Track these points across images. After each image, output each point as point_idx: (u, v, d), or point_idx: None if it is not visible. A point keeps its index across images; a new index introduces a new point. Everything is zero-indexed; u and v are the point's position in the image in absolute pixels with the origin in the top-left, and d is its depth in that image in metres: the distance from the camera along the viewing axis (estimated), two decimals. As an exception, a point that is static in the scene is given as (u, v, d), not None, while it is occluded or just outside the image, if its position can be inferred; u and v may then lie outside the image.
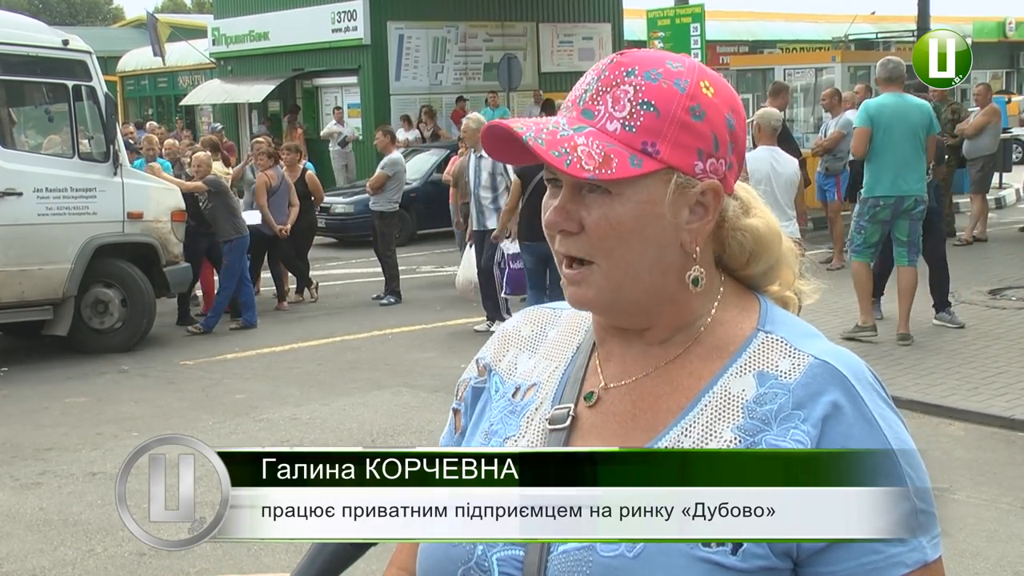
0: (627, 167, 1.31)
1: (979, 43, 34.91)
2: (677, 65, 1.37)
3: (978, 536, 5.60)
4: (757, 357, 1.37)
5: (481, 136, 1.39)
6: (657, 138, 1.33)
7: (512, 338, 1.58)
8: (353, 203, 17.80)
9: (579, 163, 1.29)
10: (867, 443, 1.29)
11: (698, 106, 1.35)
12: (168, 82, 33.76)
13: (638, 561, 1.26)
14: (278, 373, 9.88)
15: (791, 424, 1.30)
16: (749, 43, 33.90)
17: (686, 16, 20.48)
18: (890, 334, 9.46)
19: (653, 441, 1.36)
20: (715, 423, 1.34)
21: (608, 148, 1.31)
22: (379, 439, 7.63)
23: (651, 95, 1.34)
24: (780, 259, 1.48)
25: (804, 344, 1.38)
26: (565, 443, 1.41)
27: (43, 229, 10.37)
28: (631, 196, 1.33)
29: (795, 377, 1.34)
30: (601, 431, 1.41)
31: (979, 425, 7.41)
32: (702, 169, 1.36)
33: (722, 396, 1.36)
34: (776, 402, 1.32)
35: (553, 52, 27.01)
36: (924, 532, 1.25)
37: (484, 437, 1.50)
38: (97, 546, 5.87)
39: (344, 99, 26.05)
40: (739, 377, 1.36)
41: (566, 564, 1.30)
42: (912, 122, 9.13)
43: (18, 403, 9.03)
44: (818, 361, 1.34)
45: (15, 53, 10.56)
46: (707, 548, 1.25)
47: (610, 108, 1.34)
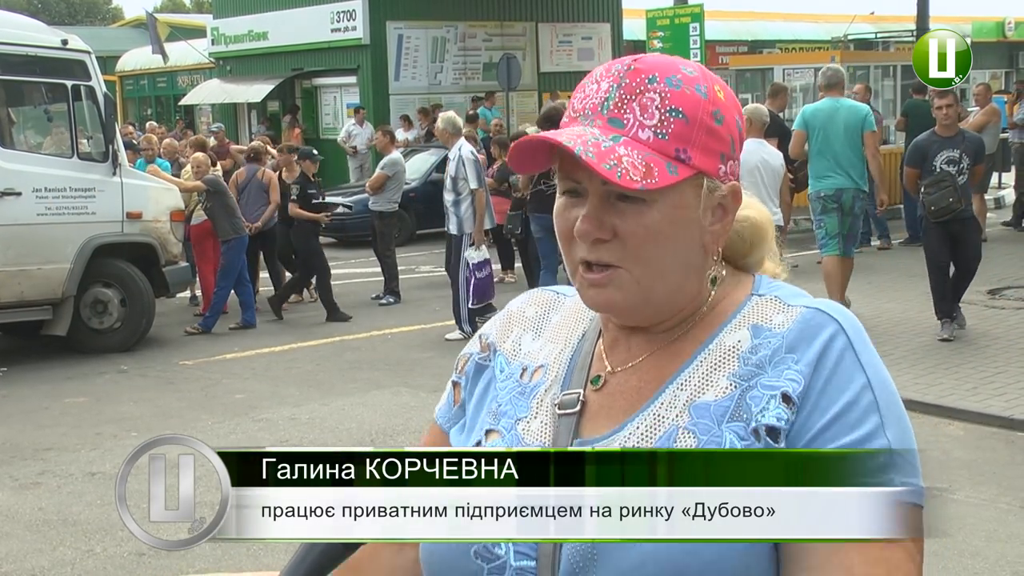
0: (666, 175, 1.34)
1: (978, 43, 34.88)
2: (691, 71, 1.40)
3: (977, 536, 5.60)
4: (752, 314, 1.42)
5: (514, 147, 1.39)
6: (688, 144, 1.36)
7: (516, 318, 1.60)
8: (352, 203, 17.79)
9: (628, 175, 1.31)
10: (851, 378, 1.33)
11: (718, 111, 1.39)
12: (167, 82, 33.76)
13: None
14: (277, 373, 9.88)
15: (784, 366, 1.34)
16: (748, 43, 33.89)
17: (685, 16, 20.48)
18: (893, 344, 9.46)
19: (651, 401, 1.39)
20: (711, 373, 1.38)
21: (647, 157, 1.34)
22: (378, 439, 7.63)
23: (678, 102, 1.36)
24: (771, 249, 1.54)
25: (796, 300, 1.42)
26: (575, 428, 1.43)
27: (42, 229, 10.37)
28: (666, 203, 1.36)
29: (788, 326, 1.37)
30: (609, 410, 1.43)
31: (978, 425, 7.41)
32: (724, 172, 1.40)
33: (718, 350, 1.40)
34: (770, 348, 1.36)
35: (552, 52, 27.01)
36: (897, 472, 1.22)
37: (492, 417, 1.50)
38: (96, 546, 5.87)
39: (343, 99, 26.05)
40: (734, 332, 1.40)
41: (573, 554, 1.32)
42: (845, 123, 10.13)
43: (17, 403, 9.02)
44: (810, 309, 1.39)
45: (14, 53, 10.56)
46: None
47: (639, 116, 1.36)
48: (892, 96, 19.93)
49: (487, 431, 1.50)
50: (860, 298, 11.11)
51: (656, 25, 20.91)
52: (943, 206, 9.18)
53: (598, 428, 1.42)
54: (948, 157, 9.32)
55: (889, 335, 9.66)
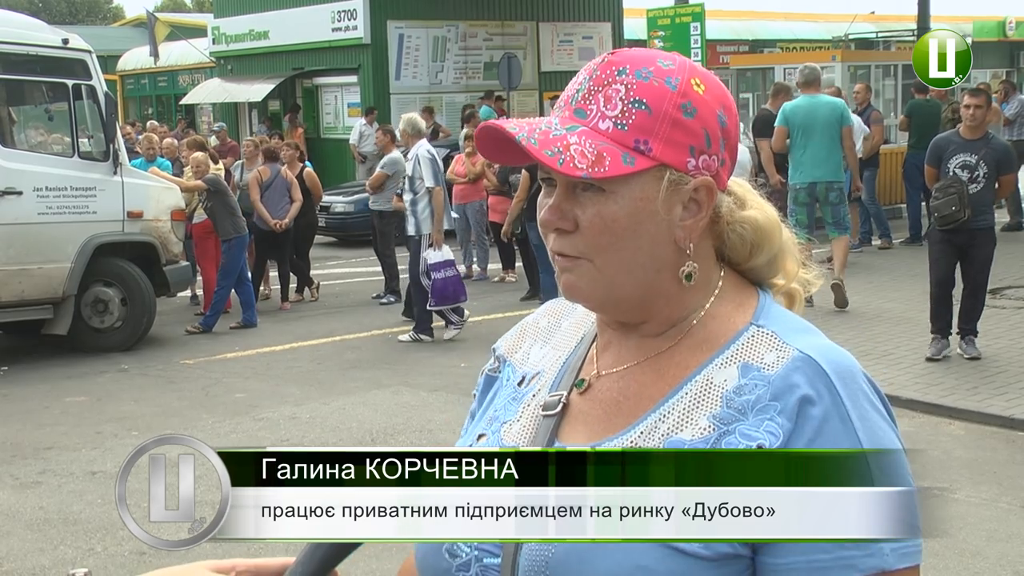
0: (620, 165, 1.32)
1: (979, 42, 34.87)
2: (668, 63, 1.38)
3: (978, 535, 5.60)
4: (744, 349, 1.37)
5: (476, 136, 1.39)
6: (649, 136, 1.34)
7: (529, 329, 1.61)
8: (353, 202, 17.79)
9: (572, 162, 1.30)
10: (839, 441, 1.27)
11: (689, 103, 1.36)
12: (168, 81, 33.76)
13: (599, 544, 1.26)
14: (278, 372, 9.88)
15: (766, 415, 1.30)
16: (749, 42, 33.88)
17: (686, 15, 20.48)
18: (894, 344, 9.46)
19: (631, 427, 1.37)
20: (692, 410, 1.34)
21: (601, 147, 1.32)
22: (379, 438, 7.63)
23: (643, 93, 1.34)
24: (782, 249, 1.48)
25: (793, 338, 1.37)
26: (554, 429, 1.43)
27: (43, 228, 10.37)
28: (625, 194, 1.34)
29: (777, 370, 1.33)
30: (587, 417, 1.43)
31: (979, 424, 7.41)
32: (695, 166, 1.37)
33: (703, 385, 1.36)
34: (755, 392, 1.32)
35: (553, 51, 27.00)
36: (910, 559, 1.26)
37: (487, 423, 1.52)
38: (97, 545, 5.87)
39: (344, 98, 26.04)
40: (723, 368, 1.36)
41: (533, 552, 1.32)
42: (823, 119, 10.95)
43: (18, 402, 9.03)
44: (802, 355, 1.33)
45: (15, 52, 10.56)
46: None
47: (602, 107, 1.35)
48: (893, 96, 19.94)
49: (479, 435, 1.51)
50: (861, 297, 11.11)
51: (657, 24, 20.91)
52: (946, 214, 8.55)
53: (576, 435, 1.42)
54: (963, 162, 8.64)
55: (890, 334, 9.66)
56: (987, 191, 8.69)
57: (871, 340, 9.40)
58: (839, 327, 9.52)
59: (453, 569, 1.38)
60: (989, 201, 8.81)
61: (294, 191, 12.80)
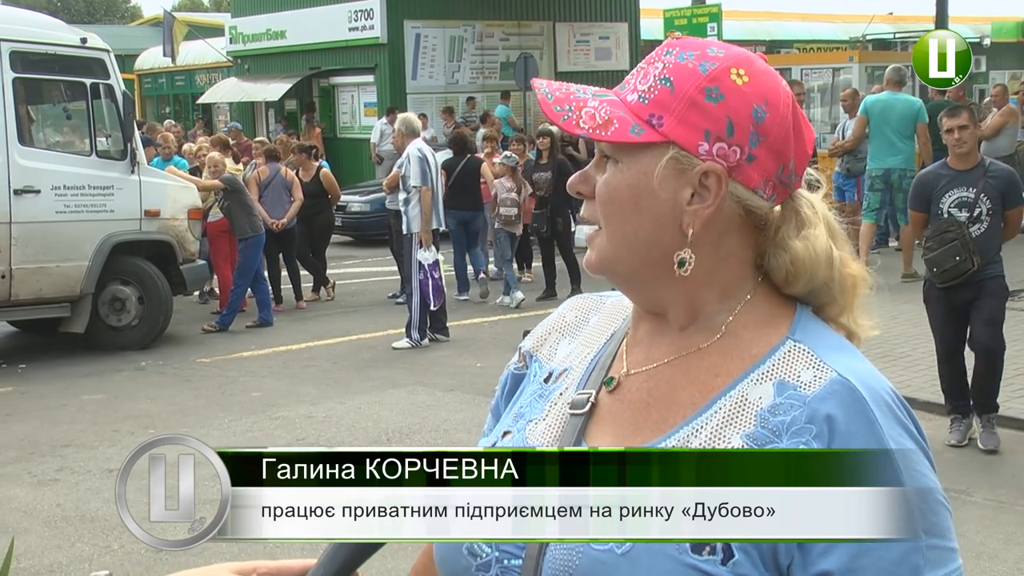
0: (625, 134, 1.33)
1: (997, 43, 34.79)
2: (717, 51, 1.38)
3: (995, 538, 5.58)
4: (780, 365, 1.34)
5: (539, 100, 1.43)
6: (665, 112, 1.34)
7: (556, 324, 1.59)
8: (369, 202, 17.81)
9: (577, 121, 1.33)
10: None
11: (716, 88, 1.34)
12: (185, 80, 33.86)
13: (626, 559, 1.26)
14: (294, 371, 9.90)
15: (801, 439, 1.27)
16: (766, 43, 33.76)
17: (703, 16, 20.47)
18: (911, 346, 9.42)
19: (662, 438, 1.35)
20: (725, 428, 1.32)
21: (615, 114, 1.34)
22: (394, 437, 7.64)
23: (673, 72, 1.35)
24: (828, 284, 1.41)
25: (831, 357, 1.33)
26: (581, 429, 1.41)
27: (61, 227, 10.42)
28: (631, 166, 1.35)
29: (814, 390, 1.30)
30: (616, 419, 1.41)
31: (997, 428, 7.37)
32: (707, 151, 1.34)
33: (738, 401, 1.33)
34: (790, 414, 1.29)
35: (570, 51, 26.99)
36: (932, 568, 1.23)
37: (513, 419, 1.51)
38: (114, 543, 5.89)
39: (361, 98, 26.08)
40: (758, 384, 1.33)
41: (561, 551, 1.31)
42: (899, 113, 12.53)
43: (36, 400, 9.07)
44: (840, 378, 1.30)
45: (34, 51, 10.61)
46: (697, 555, 1.24)
47: (636, 82, 1.38)
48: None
49: (504, 432, 1.50)
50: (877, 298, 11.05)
51: (674, 25, 20.91)
52: (947, 267, 6.89)
53: (604, 437, 1.40)
54: (960, 198, 6.97)
55: (906, 336, 9.62)
56: (994, 231, 6.97)
57: (888, 342, 9.37)
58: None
59: (473, 569, 1.37)
60: (997, 244, 7.07)
61: (295, 190, 12.77)
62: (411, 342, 10.55)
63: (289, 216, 12.67)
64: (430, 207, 10.42)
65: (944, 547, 1.24)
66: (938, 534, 1.22)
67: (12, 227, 10.16)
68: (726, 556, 1.24)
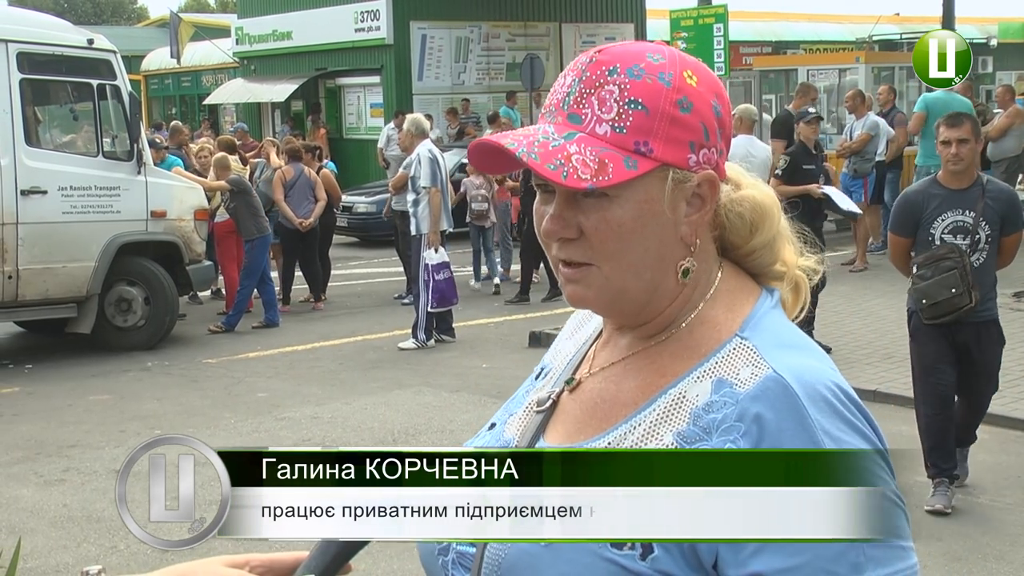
0: (623, 170, 1.29)
1: (1004, 44, 34.74)
2: (658, 57, 1.34)
3: (1002, 540, 5.57)
4: (722, 363, 1.33)
5: (469, 151, 1.38)
6: (649, 136, 1.31)
7: (571, 322, 1.62)
8: (375, 203, 17.82)
9: (575, 173, 1.27)
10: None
11: (685, 98, 1.33)
12: (192, 81, 33.91)
13: (549, 551, 1.27)
14: (300, 372, 9.91)
15: (730, 437, 1.26)
16: (772, 44, 33.76)
17: (709, 16, 20.41)
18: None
19: (600, 436, 1.36)
20: (659, 425, 1.32)
21: (602, 153, 1.29)
22: (400, 438, 7.64)
23: (637, 92, 1.31)
24: (779, 233, 1.45)
25: (773, 355, 1.32)
26: (542, 426, 1.44)
27: (67, 227, 10.43)
28: (629, 197, 1.32)
29: (748, 388, 1.28)
30: (567, 417, 1.43)
31: (1003, 428, 7.36)
32: (696, 161, 1.34)
33: (676, 399, 1.33)
34: (722, 411, 1.28)
35: (576, 52, 26.88)
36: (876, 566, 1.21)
37: (503, 412, 1.55)
38: (120, 543, 5.90)
39: (367, 99, 26.10)
40: (698, 382, 1.33)
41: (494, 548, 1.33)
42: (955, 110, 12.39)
43: (42, 400, 9.08)
44: (775, 375, 1.28)
45: (41, 52, 10.63)
46: (616, 549, 1.24)
47: (597, 111, 1.32)
48: (917, 97, 19.83)
49: (491, 424, 1.53)
50: (882, 300, 11.07)
51: (680, 26, 20.85)
52: (940, 300, 5.88)
53: (557, 434, 1.43)
54: (955, 223, 5.96)
55: (913, 337, 9.60)
56: (992, 261, 6.03)
57: (894, 343, 9.35)
58: (861, 329, 9.49)
59: (435, 552, 1.41)
60: (995, 277, 6.12)
61: (318, 190, 12.85)
62: (417, 343, 10.55)
63: (315, 215, 12.77)
64: (439, 208, 10.42)
65: (892, 545, 1.21)
66: (885, 531, 1.17)
67: (19, 227, 10.18)
68: (645, 551, 1.23)
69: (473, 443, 1.51)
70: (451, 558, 1.38)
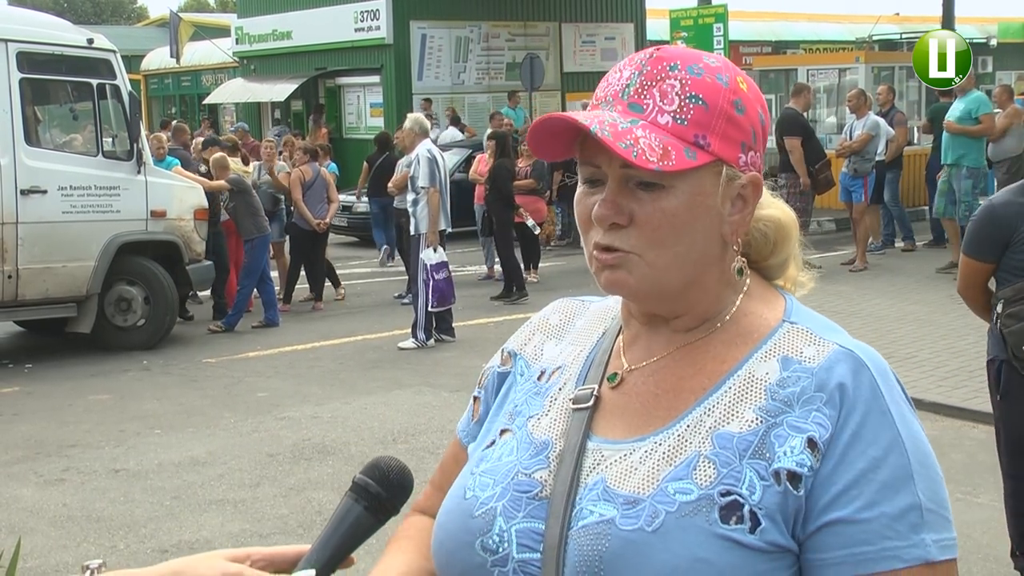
0: (684, 159, 1.33)
1: (1004, 44, 34.74)
2: (714, 61, 1.40)
3: (1002, 540, 5.56)
4: (782, 344, 1.40)
5: (532, 129, 1.40)
6: (707, 131, 1.36)
7: (539, 326, 1.63)
8: (375, 202, 17.78)
9: (644, 155, 1.31)
10: (879, 432, 1.31)
11: (739, 100, 1.38)
12: (191, 81, 33.92)
13: (657, 535, 1.28)
14: (300, 371, 9.91)
15: (812, 406, 1.32)
16: (772, 43, 33.79)
17: (709, 16, 20.42)
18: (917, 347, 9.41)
19: (676, 421, 1.38)
20: (738, 403, 1.36)
21: (665, 141, 1.33)
22: (400, 438, 7.64)
23: (698, 89, 1.36)
24: (792, 253, 1.52)
25: (829, 335, 1.40)
26: (587, 422, 1.43)
27: (67, 227, 10.43)
28: (684, 188, 1.35)
29: (819, 362, 1.36)
30: (624, 411, 1.43)
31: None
32: (744, 162, 1.40)
33: (746, 378, 1.38)
34: (799, 384, 1.34)
35: (576, 52, 27.00)
36: (930, 530, 1.29)
37: (508, 417, 1.53)
38: (119, 543, 5.90)
39: (367, 98, 26.11)
40: (764, 362, 1.38)
41: (586, 538, 1.32)
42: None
43: (42, 400, 9.08)
44: (843, 349, 1.37)
45: (40, 52, 10.63)
46: (726, 525, 1.28)
47: (659, 102, 1.36)
48: (916, 97, 19.85)
49: (501, 430, 1.51)
50: (884, 299, 11.08)
51: (680, 25, 20.87)
52: None
53: (614, 429, 1.42)
54: None
55: (913, 337, 9.62)
56: None
57: (894, 343, 9.36)
58: (861, 329, 9.47)
59: (488, 564, 1.38)
60: None
61: (331, 191, 12.98)
62: (417, 342, 10.55)
63: (331, 215, 12.92)
64: (437, 208, 10.42)
65: (941, 515, 1.31)
66: (937, 502, 1.31)
67: (19, 227, 10.18)
68: (753, 524, 1.28)
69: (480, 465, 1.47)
70: (511, 568, 1.36)
